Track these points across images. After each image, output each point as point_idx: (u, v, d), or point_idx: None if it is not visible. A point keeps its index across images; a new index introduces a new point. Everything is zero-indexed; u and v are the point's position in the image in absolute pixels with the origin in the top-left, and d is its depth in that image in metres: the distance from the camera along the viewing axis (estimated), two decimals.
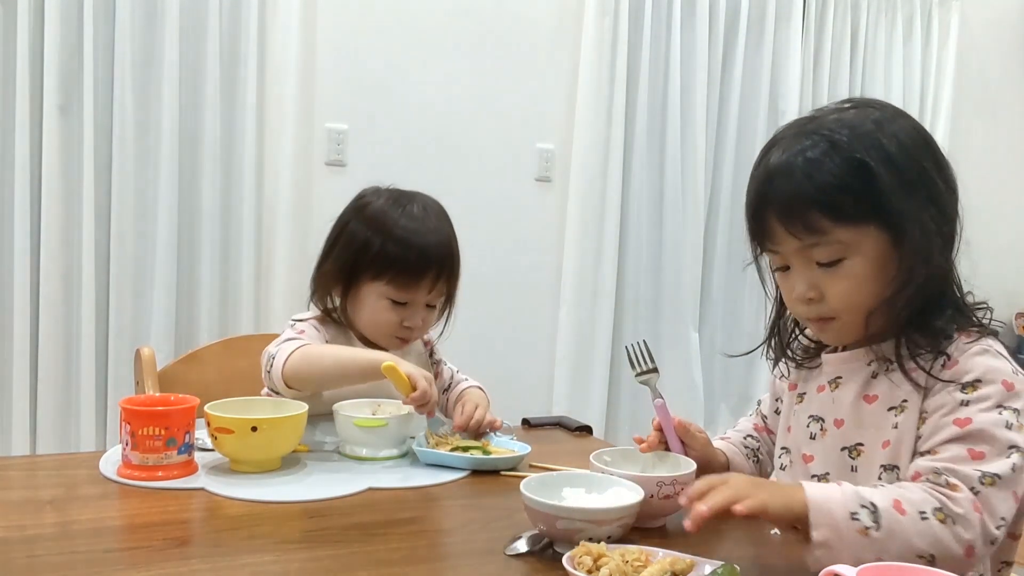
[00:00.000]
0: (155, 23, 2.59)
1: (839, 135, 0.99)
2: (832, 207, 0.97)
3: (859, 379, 1.05)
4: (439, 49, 2.99)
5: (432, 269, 1.45)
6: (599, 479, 1.03)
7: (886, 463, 1.00)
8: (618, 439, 3.27)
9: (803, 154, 1.00)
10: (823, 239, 0.99)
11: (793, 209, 0.99)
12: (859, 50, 3.58)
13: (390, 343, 1.50)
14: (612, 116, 3.19)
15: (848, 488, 0.91)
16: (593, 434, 1.59)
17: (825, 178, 0.98)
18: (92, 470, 1.17)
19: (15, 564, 0.86)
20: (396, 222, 1.45)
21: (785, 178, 1.00)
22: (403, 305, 1.46)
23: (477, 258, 3.11)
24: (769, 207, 1.02)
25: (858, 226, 0.98)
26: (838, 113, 1.03)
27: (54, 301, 2.53)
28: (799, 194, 0.99)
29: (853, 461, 1.03)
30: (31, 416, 2.53)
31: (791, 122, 1.07)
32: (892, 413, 1.01)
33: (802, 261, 1.02)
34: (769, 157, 1.03)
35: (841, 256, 1.00)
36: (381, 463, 1.28)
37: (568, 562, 0.86)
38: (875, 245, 0.99)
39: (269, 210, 2.77)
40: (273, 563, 0.90)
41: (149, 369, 1.59)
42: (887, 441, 1.00)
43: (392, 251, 1.43)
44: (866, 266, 0.99)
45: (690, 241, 3.37)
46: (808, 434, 1.10)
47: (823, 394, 1.10)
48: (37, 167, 2.50)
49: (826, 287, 1.01)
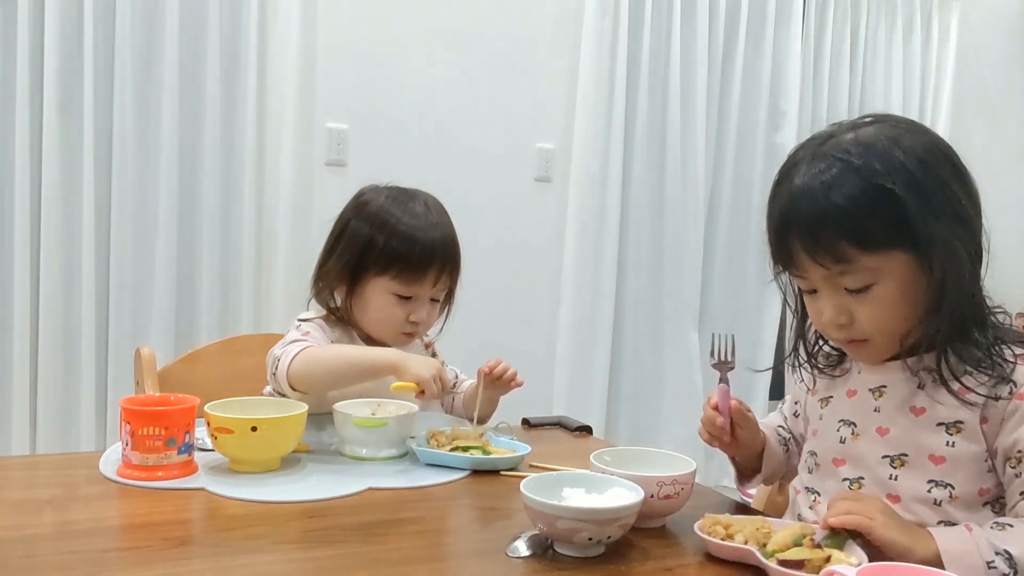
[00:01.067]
0: (155, 23, 2.59)
1: (858, 159, 0.97)
2: (858, 235, 0.96)
3: (905, 390, 1.04)
4: (439, 49, 2.99)
5: (436, 263, 1.46)
6: (599, 479, 1.03)
7: (937, 479, 1.00)
8: (618, 439, 3.27)
9: (824, 179, 0.98)
10: (851, 267, 0.98)
11: (818, 238, 0.98)
12: (859, 50, 3.58)
13: (396, 340, 1.50)
14: (612, 116, 3.19)
15: (979, 535, 0.91)
16: (593, 434, 1.59)
17: (849, 206, 0.96)
18: (92, 470, 1.17)
19: (14, 564, 0.86)
20: (399, 218, 1.46)
21: (808, 206, 0.98)
22: (408, 300, 1.47)
23: (477, 258, 3.10)
24: (793, 235, 1.00)
25: (886, 252, 0.97)
26: (855, 131, 1.01)
27: (54, 301, 2.53)
28: (824, 223, 0.97)
29: (895, 470, 1.03)
30: (31, 416, 2.53)
31: (809, 139, 1.05)
32: (943, 430, 1.00)
33: (830, 287, 1.01)
34: (790, 180, 1.02)
35: (871, 282, 0.98)
36: (381, 463, 1.28)
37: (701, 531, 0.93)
38: (904, 269, 0.98)
39: (269, 210, 2.77)
40: (273, 563, 0.90)
41: (149, 369, 1.59)
42: (939, 457, 1.00)
43: (397, 247, 1.44)
44: (896, 290, 0.98)
45: (690, 241, 3.37)
46: (838, 438, 1.09)
47: (855, 399, 1.09)
48: (37, 167, 2.50)
49: (857, 312, 1.00)
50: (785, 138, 3.46)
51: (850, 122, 1.04)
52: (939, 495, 0.99)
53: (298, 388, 1.36)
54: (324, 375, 1.37)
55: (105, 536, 0.96)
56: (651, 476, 1.03)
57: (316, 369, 1.36)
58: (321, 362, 1.36)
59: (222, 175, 2.70)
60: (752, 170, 3.46)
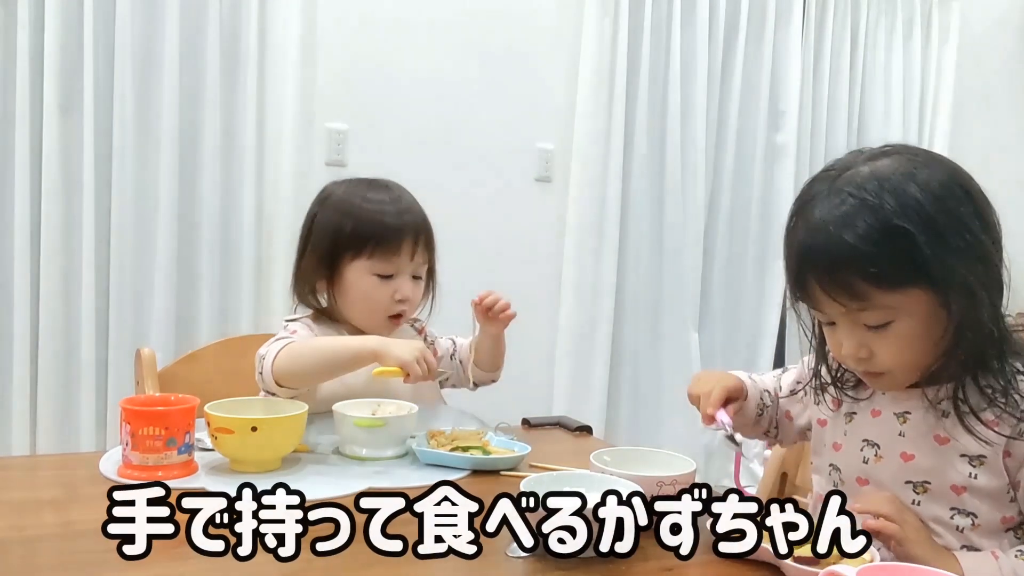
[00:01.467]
0: (155, 23, 2.59)
1: (873, 196, 0.96)
2: (874, 274, 0.96)
3: (930, 418, 1.04)
4: (439, 49, 2.99)
5: (409, 235, 1.47)
6: (599, 479, 1.03)
7: (959, 507, 1.01)
8: (618, 439, 3.27)
9: (838, 216, 0.97)
10: (868, 304, 0.98)
11: (834, 276, 0.98)
12: (859, 50, 3.58)
13: (383, 325, 1.50)
14: (612, 116, 3.19)
15: (1005, 562, 0.92)
16: (593, 434, 1.59)
17: (863, 246, 0.95)
18: (92, 470, 1.17)
19: (15, 564, 0.86)
20: (363, 200, 1.49)
21: (823, 243, 0.98)
22: (390, 278, 1.47)
23: (477, 258, 3.13)
24: (810, 273, 1.00)
25: (903, 290, 0.97)
26: (871, 163, 1.00)
27: (54, 301, 2.53)
28: (839, 262, 0.97)
29: (917, 496, 1.03)
30: (31, 416, 2.53)
31: (826, 170, 1.05)
32: (967, 461, 1.00)
33: (849, 322, 1.01)
34: (807, 214, 1.01)
35: (890, 319, 0.98)
36: (381, 463, 1.28)
37: None
38: (923, 306, 0.97)
39: (269, 210, 2.77)
40: (273, 563, 0.90)
41: (149, 369, 1.59)
42: (961, 487, 1.01)
43: (366, 227, 1.46)
44: (917, 327, 0.98)
45: (690, 241, 3.37)
46: (861, 458, 1.09)
47: (880, 421, 1.09)
48: (37, 167, 2.49)
49: (876, 347, 1.00)
50: (785, 138, 3.46)
51: (868, 152, 1.03)
52: (961, 522, 1.00)
53: (284, 385, 1.36)
54: (308, 368, 1.37)
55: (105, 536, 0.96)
56: (651, 476, 1.03)
57: (299, 363, 1.36)
58: (304, 355, 1.36)
59: (222, 175, 2.70)
60: (752, 170, 3.46)
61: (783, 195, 3.46)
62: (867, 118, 3.62)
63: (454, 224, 3.18)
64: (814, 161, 3.51)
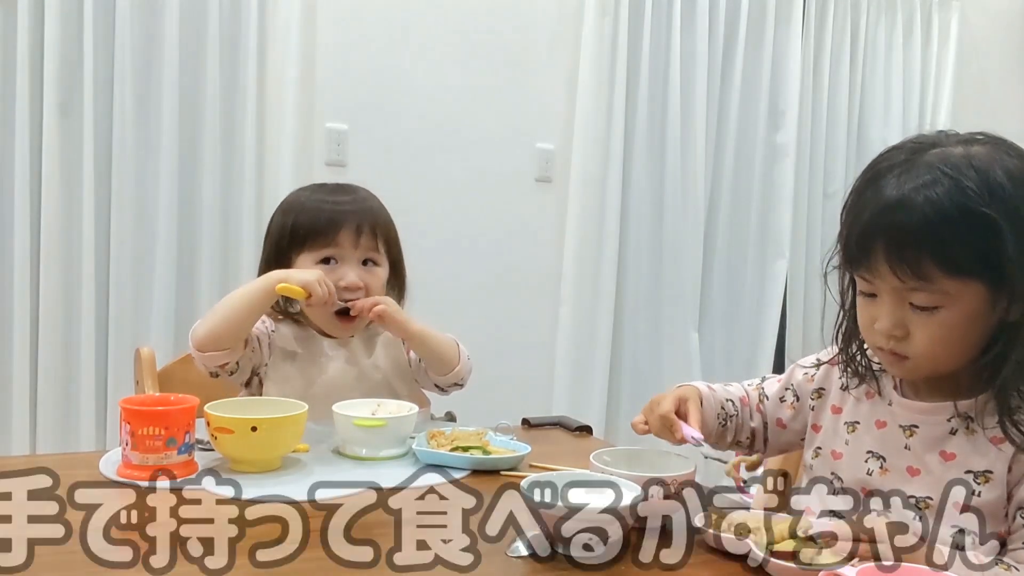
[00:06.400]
0: (155, 23, 2.59)
1: (968, 180, 0.93)
2: (946, 258, 0.93)
3: (937, 433, 1.03)
4: (439, 49, 2.98)
5: (348, 222, 1.49)
6: (599, 479, 1.03)
7: (961, 526, 0.98)
8: (618, 439, 3.27)
9: (927, 194, 0.94)
10: (927, 285, 0.95)
11: (905, 252, 0.94)
12: (859, 50, 3.58)
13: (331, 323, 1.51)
14: (612, 116, 3.19)
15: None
16: (593, 434, 1.59)
17: (949, 229, 0.92)
18: (92, 470, 1.17)
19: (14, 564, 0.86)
20: (307, 198, 1.54)
21: (904, 217, 0.94)
22: (335, 266, 1.49)
23: (477, 258, 3.13)
24: (878, 240, 0.96)
25: (965, 280, 0.94)
26: (965, 147, 0.97)
27: (54, 301, 2.53)
28: (916, 238, 0.94)
29: (920, 511, 1.02)
30: (31, 416, 2.53)
31: (909, 142, 1.01)
32: (971, 478, 0.99)
33: (896, 298, 0.99)
34: (884, 184, 0.97)
35: (940, 304, 0.96)
36: (381, 463, 1.28)
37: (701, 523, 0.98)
38: (976, 301, 0.95)
39: (269, 210, 2.74)
40: (273, 563, 0.90)
41: (149, 369, 1.59)
42: (963, 506, 0.98)
43: (304, 220, 1.50)
44: (961, 319, 0.96)
45: (690, 241, 3.36)
46: (865, 469, 1.08)
47: (885, 433, 1.08)
48: (37, 167, 2.49)
49: (915, 329, 0.98)
50: (785, 138, 3.46)
51: (959, 135, 1.00)
52: (961, 541, 0.98)
53: (210, 348, 1.39)
54: (222, 320, 1.40)
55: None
56: (651, 476, 1.03)
57: (214, 319, 1.40)
58: (216, 311, 1.42)
59: (222, 175, 2.70)
60: (752, 170, 3.46)
61: (783, 195, 3.46)
62: (867, 118, 3.62)
63: (454, 224, 3.19)
64: (814, 161, 3.51)
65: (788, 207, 3.45)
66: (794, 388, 1.23)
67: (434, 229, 2.90)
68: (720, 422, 1.22)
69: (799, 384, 1.23)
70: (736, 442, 1.26)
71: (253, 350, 1.47)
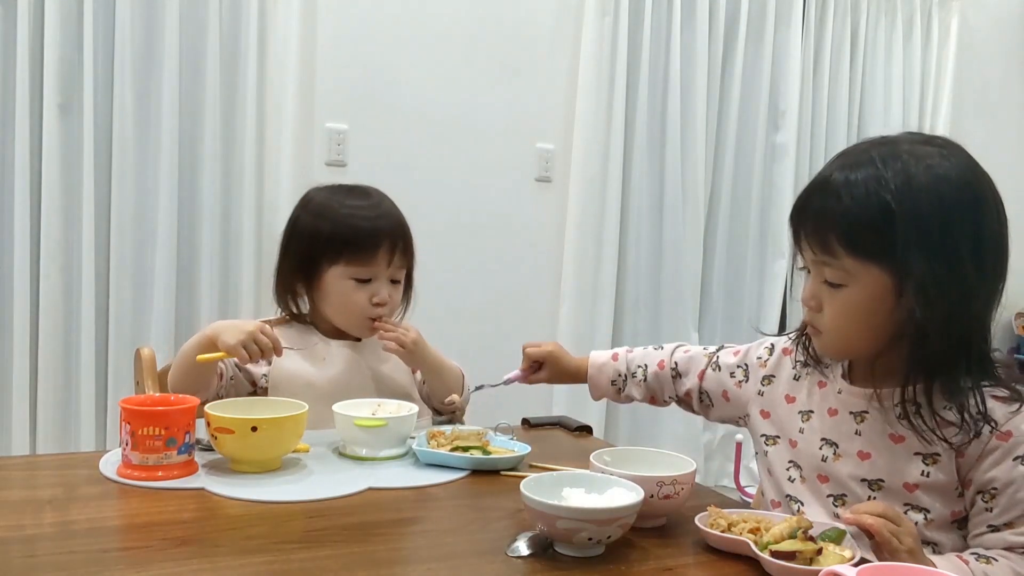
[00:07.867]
0: (155, 23, 2.59)
1: (890, 171, 1.00)
2: (850, 239, 1.01)
3: (886, 417, 1.06)
4: (439, 49, 2.99)
5: (385, 240, 1.49)
6: (599, 479, 1.03)
7: (912, 503, 1.03)
8: (618, 439, 3.27)
9: (848, 175, 1.01)
10: (832, 261, 1.03)
11: (817, 226, 1.04)
12: (859, 50, 3.58)
13: (362, 328, 1.52)
14: (612, 116, 3.19)
15: (976, 569, 0.95)
16: (593, 434, 1.59)
17: (853, 208, 1.00)
18: (92, 470, 1.17)
19: (14, 564, 0.86)
20: (341, 204, 1.51)
21: (821, 194, 1.04)
22: (367, 282, 1.49)
23: (477, 258, 3.13)
24: (802, 215, 1.07)
25: (865, 262, 1.01)
26: (914, 144, 1.03)
27: (54, 301, 2.53)
28: (826, 214, 1.03)
29: (873, 493, 1.06)
30: (31, 416, 2.54)
31: (884, 138, 1.06)
32: (920, 459, 1.03)
33: (815, 272, 1.07)
34: (826, 167, 1.06)
35: (844, 283, 1.03)
36: (381, 463, 1.28)
37: (700, 523, 0.97)
38: (876, 285, 1.01)
39: (269, 210, 2.77)
40: (273, 563, 0.90)
41: (149, 369, 1.59)
42: (913, 485, 1.03)
43: (343, 230, 1.48)
44: (862, 300, 1.02)
45: (690, 241, 3.37)
46: (820, 456, 1.12)
47: (837, 420, 1.12)
48: (37, 167, 2.50)
49: (825, 304, 1.06)
50: (785, 138, 3.46)
51: (923, 136, 1.06)
52: (915, 517, 1.02)
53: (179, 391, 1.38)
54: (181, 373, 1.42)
55: (105, 536, 0.96)
56: (651, 476, 1.03)
57: (173, 372, 1.43)
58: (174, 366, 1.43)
59: (222, 175, 2.70)
60: (752, 170, 3.46)
61: (783, 195, 3.46)
62: (867, 118, 3.63)
63: (454, 224, 3.19)
64: (814, 161, 3.51)
65: (788, 207, 3.44)
66: (746, 367, 1.29)
67: (434, 229, 2.90)
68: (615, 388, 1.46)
69: (752, 366, 1.28)
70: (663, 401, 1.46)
71: (232, 378, 1.48)
